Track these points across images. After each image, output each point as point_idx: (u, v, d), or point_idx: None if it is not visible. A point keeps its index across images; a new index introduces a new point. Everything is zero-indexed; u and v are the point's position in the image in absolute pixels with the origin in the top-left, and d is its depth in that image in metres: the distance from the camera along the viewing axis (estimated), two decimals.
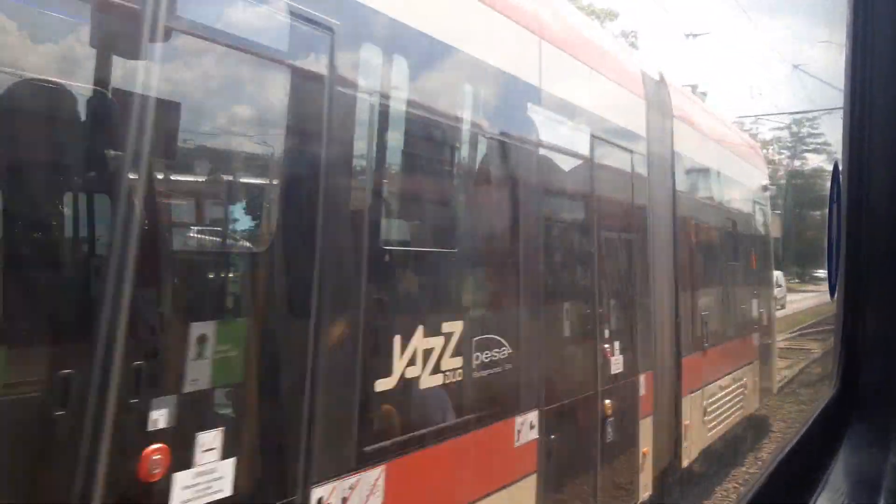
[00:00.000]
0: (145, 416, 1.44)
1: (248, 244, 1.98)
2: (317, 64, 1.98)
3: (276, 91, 1.91)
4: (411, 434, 2.32)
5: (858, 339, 0.98)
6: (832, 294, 0.99)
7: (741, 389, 6.48)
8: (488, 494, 2.66)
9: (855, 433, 0.88)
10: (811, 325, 15.71)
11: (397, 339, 2.25)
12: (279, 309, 1.92)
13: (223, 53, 1.82)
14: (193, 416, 1.56)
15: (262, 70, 1.94)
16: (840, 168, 1.01)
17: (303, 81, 2.01)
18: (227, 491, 1.59)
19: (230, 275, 1.93)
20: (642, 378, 4.26)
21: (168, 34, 1.57)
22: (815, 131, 37.76)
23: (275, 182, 2.00)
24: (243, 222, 2.06)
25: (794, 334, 15.07)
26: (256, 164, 2.08)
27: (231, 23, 1.81)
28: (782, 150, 36.50)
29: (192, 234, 1.94)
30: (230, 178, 2.04)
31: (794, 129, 38.25)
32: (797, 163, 38.10)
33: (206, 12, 1.73)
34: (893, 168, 0.98)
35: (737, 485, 6.11)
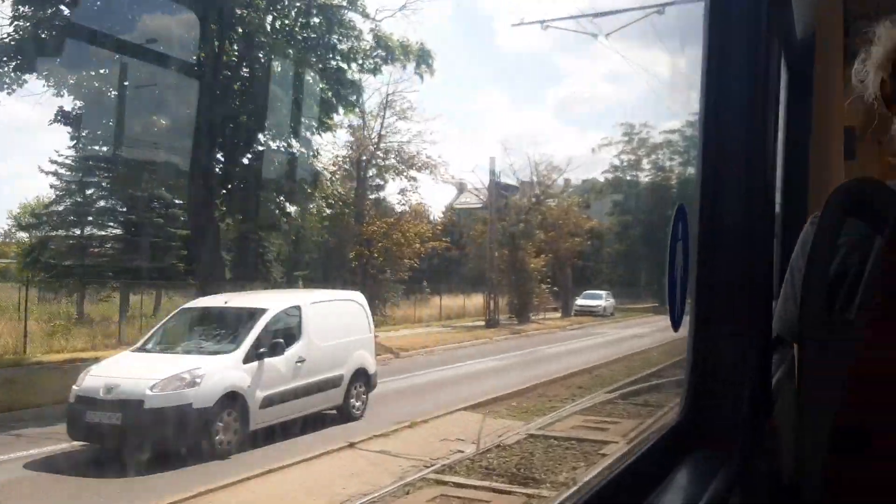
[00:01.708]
0: None
1: None
2: None
3: None
4: None
5: (706, 373, 1.08)
6: (675, 327, 1.07)
7: None
8: None
9: (689, 465, 0.96)
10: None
11: None
12: None
13: None
14: None
15: None
16: (686, 210, 1.11)
17: None
18: None
19: None
20: None
21: None
22: None
23: None
24: None
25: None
26: None
27: None
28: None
29: None
30: None
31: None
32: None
33: None
34: (744, 203, 1.10)
35: None
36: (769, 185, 1.18)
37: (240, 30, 13.59)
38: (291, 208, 17.96)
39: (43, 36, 12.12)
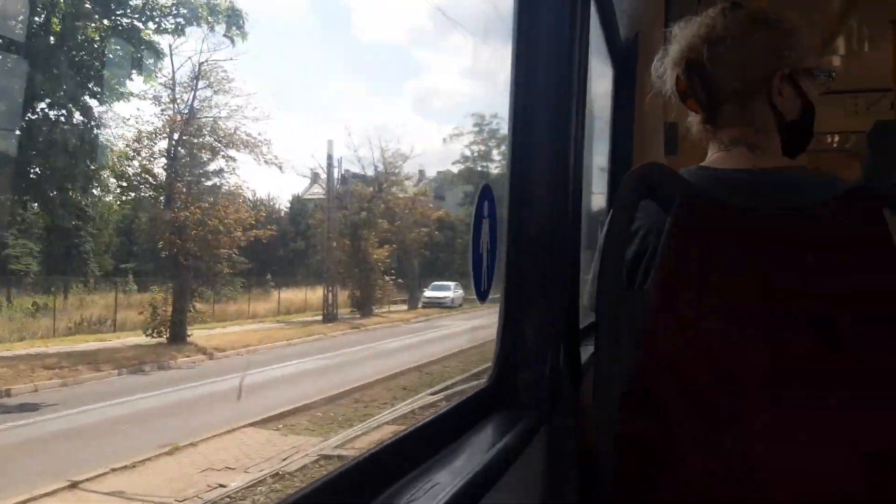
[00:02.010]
0: None
1: None
2: None
3: None
4: None
5: (515, 344, 1.19)
6: (481, 299, 1.17)
7: None
8: None
9: (488, 422, 1.07)
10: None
11: None
12: None
13: None
14: None
15: None
16: (491, 189, 1.21)
17: None
18: None
19: None
20: None
21: None
22: None
23: None
24: None
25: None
26: None
27: None
28: None
29: None
30: None
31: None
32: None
33: None
34: (550, 185, 1.22)
35: None
36: (576, 174, 1.31)
37: None
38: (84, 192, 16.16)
39: None
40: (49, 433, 6.74)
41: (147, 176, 18.49)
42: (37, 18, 12.46)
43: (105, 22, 13.59)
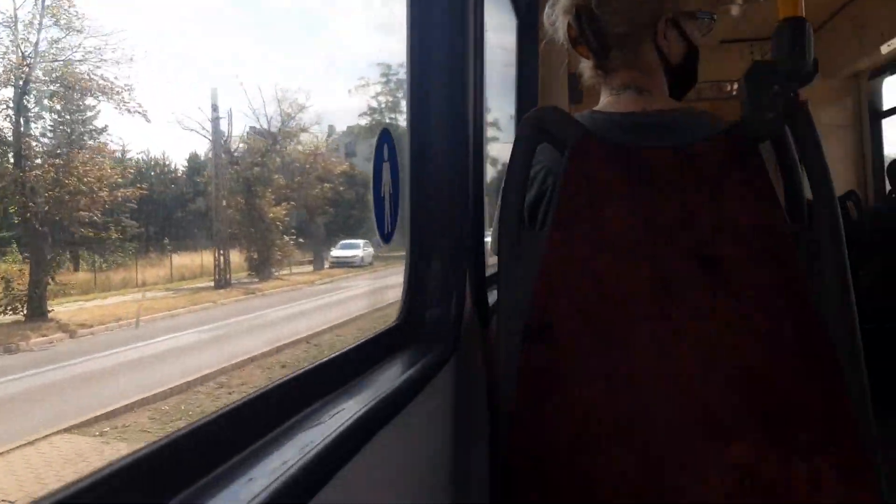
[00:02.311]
0: None
1: None
2: None
3: None
4: None
5: (421, 281, 1.27)
6: (385, 241, 1.25)
7: None
8: None
9: (394, 357, 1.16)
10: None
11: None
12: None
13: None
14: None
15: None
16: (390, 133, 1.28)
17: None
18: None
19: None
20: None
21: None
22: None
23: None
24: None
25: None
26: None
27: None
28: None
29: None
30: None
31: None
32: None
33: None
34: (449, 130, 1.30)
35: None
36: (476, 120, 1.40)
37: None
38: None
39: None
40: None
41: None
42: None
43: None
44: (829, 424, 1.12)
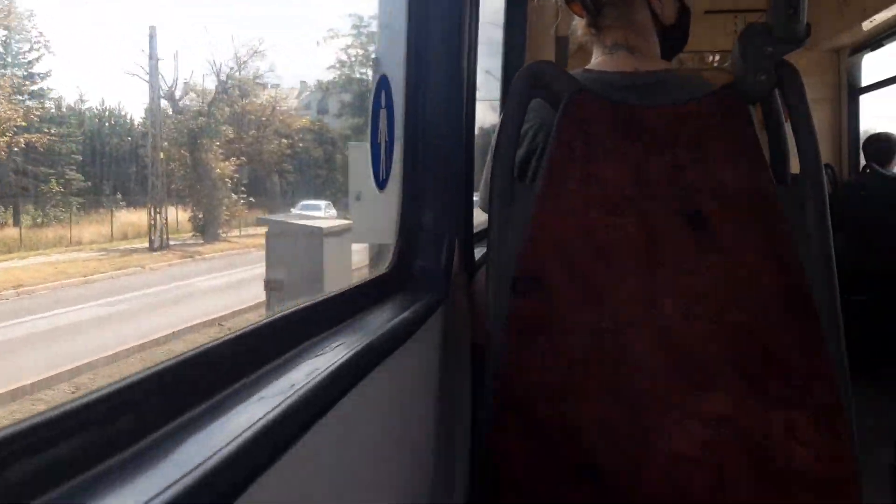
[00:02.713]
0: None
1: None
2: None
3: None
4: None
5: (413, 232, 1.35)
6: (380, 188, 1.32)
7: None
8: None
9: (391, 300, 1.23)
10: None
11: None
12: None
13: None
14: None
15: None
16: (389, 79, 1.33)
17: None
18: None
19: None
20: None
21: None
22: None
23: None
24: None
25: None
26: None
27: None
28: None
29: None
30: None
31: None
32: None
33: None
34: (444, 83, 1.36)
35: None
36: (470, 75, 1.47)
37: None
38: None
39: None
40: None
41: None
42: None
43: None
44: (807, 378, 1.24)
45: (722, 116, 1.32)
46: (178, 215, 25.04)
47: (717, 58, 5.94)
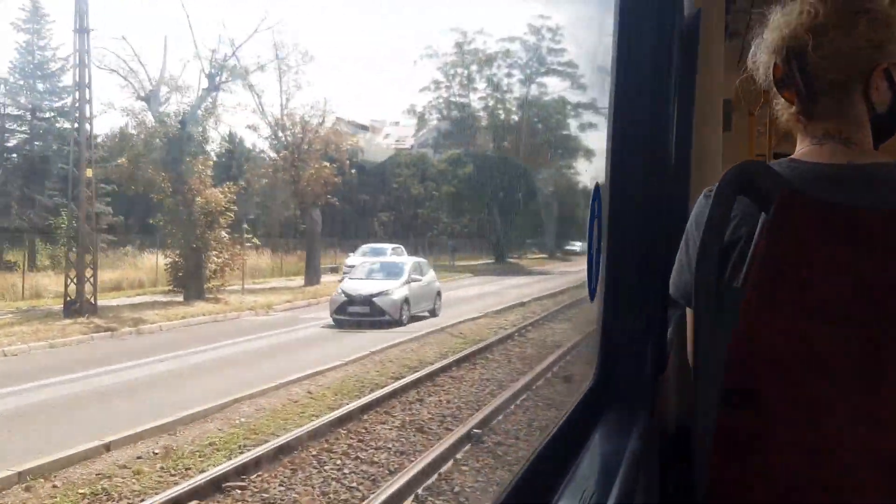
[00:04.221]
0: None
1: None
2: None
3: None
4: None
5: (615, 337, 1.61)
6: (591, 297, 1.59)
7: None
8: None
9: (606, 422, 1.48)
10: None
11: None
12: None
13: None
14: None
15: None
16: (601, 185, 1.62)
17: None
18: None
19: None
20: None
21: None
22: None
23: None
24: None
25: None
26: None
27: None
28: None
29: None
30: None
31: None
32: None
33: None
34: (650, 187, 1.64)
35: None
36: (670, 161, 1.74)
37: None
38: None
39: None
40: None
41: None
42: None
43: None
44: None
45: None
46: (157, 262, 23.16)
47: None
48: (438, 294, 22.22)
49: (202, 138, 23.28)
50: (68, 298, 19.34)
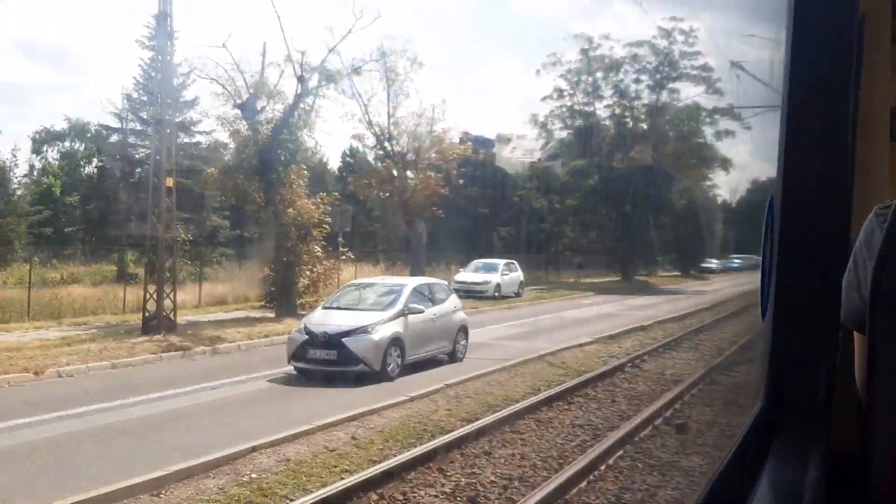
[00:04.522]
0: None
1: None
2: None
3: None
4: None
5: (784, 359, 1.60)
6: (763, 314, 1.58)
7: None
8: None
9: (779, 448, 1.47)
10: None
11: None
12: None
13: None
14: None
15: None
16: (774, 199, 1.62)
17: None
18: None
19: None
20: None
21: None
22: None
23: None
24: None
25: None
26: None
27: None
28: None
29: None
30: None
31: None
32: None
33: None
34: (827, 199, 1.63)
35: None
36: (844, 176, 1.74)
37: None
38: None
39: None
40: None
41: None
42: None
43: None
44: None
45: None
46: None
47: None
48: (462, 330, 16.83)
49: (294, 147, 23.01)
50: (147, 314, 19.20)
